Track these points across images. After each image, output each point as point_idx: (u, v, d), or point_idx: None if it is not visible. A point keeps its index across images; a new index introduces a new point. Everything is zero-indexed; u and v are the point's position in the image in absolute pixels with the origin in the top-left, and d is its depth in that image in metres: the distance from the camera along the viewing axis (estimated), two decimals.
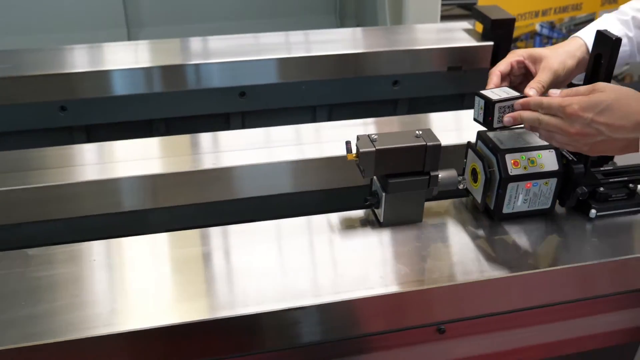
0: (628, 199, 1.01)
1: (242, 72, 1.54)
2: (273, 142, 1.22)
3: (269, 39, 1.65)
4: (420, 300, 0.89)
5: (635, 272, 0.95)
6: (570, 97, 0.86)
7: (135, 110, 1.47)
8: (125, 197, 1.09)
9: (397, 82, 1.68)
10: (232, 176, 1.13)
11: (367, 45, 1.64)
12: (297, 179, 1.16)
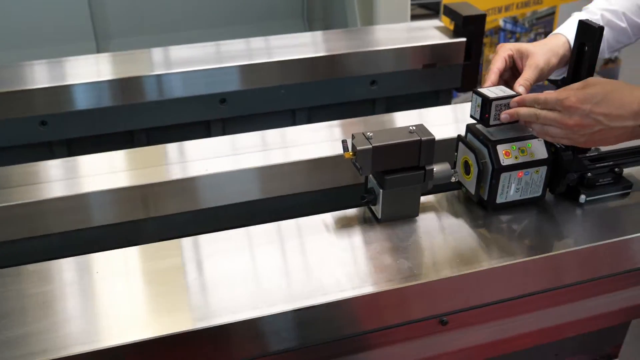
0: (615, 183, 1.04)
1: (223, 78, 1.54)
2: (261, 145, 1.22)
3: (245, 44, 1.64)
4: (425, 293, 0.90)
5: (628, 254, 0.98)
6: (568, 90, 0.89)
7: (115, 121, 1.45)
8: (93, 212, 1.08)
9: (375, 82, 1.70)
10: (203, 185, 1.12)
11: (345, 46, 1.65)
12: (284, 182, 1.17)
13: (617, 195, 1.05)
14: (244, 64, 1.54)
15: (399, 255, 0.94)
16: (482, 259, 0.93)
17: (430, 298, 0.92)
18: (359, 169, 0.95)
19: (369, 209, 1.04)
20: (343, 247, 0.96)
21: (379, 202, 0.99)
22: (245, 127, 1.64)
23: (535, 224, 1.00)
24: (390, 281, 0.89)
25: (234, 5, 2.55)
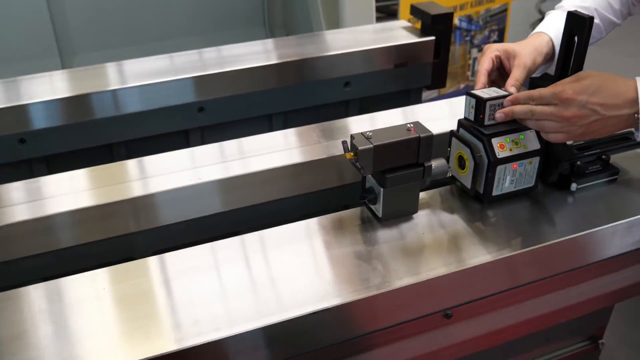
0: (603, 170, 1.08)
1: (201, 87, 1.51)
2: (246, 152, 1.21)
3: (217, 52, 1.63)
4: (432, 289, 0.91)
5: (621, 238, 1.02)
6: (561, 85, 0.92)
7: (94, 136, 1.41)
8: (58, 234, 1.03)
9: (349, 83, 1.71)
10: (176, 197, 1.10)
11: (319, 49, 1.65)
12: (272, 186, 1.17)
13: (605, 181, 1.09)
14: (223, 72, 1.52)
15: (403, 254, 0.94)
16: (489, 250, 0.94)
17: (437, 294, 0.93)
18: (360, 169, 0.95)
19: (367, 209, 1.04)
20: (349, 246, 0.96)
21: (380, 200, 0.99)
22: (223, 134, 1.63)
23: (531, 215, 1.03)
24: (400, 279, 0.89)
25: (194, 15, 2.52)
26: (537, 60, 1.08)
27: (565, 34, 0.98)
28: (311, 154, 1.17)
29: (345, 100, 1.75)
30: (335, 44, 1.69)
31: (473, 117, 1.02)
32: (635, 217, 1.00)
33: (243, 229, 1.20)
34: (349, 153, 0.95)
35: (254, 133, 1.66)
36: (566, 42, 0.98)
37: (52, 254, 1.04)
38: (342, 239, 0.98)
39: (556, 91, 0.91)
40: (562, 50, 1.00)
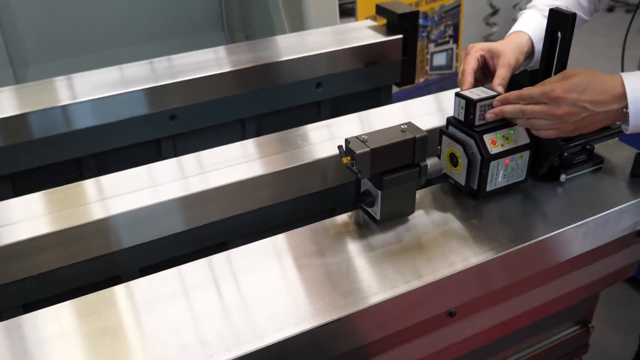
0: (588, 160, 1.10)
1: (172, 94, 1.47)
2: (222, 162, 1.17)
3: (187, 59, 1.58)
4: (439, 289, 0.91)
5: (614, 225, 1.04)
6: (551, 83, 0.93)
7: (61, 151, 1.35)
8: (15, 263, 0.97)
9: (320, 84, 1.69)
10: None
11: (290, 51, 1.63)
12: None
13: (591, 170, 1.11)
14: (194, 78, 1.48)
15: (405, 256, 0.93)
16: (493, 246, 0.94)
17: (443, 294, 0.93)
18: (358, 172, 0.94)
19: (364, 212, 1.03)
20: (351, 251, 0.94)
21: (378, 203, 0.98)
22: (196, 142, 1.59)
23: (527, 208, 1.04)
24: (408, 282, 0.88)
25: (150, 22, 2.45)
26: (519, 59, 1.09)
27: (548, 31, 0.99)
28: (294, 159, 1.15)
29: (317, 101, 1.74)
30: (307, 46, 1.67)
31: (463, 117, 1.02)
32: (625, 204, 1.03)
33: (232, 237, 1.18)
34: (345, 157, 0.93)
35: (226, 138, 1.64)
36: (549, 39, 1.00)
37: (32, 279, 0.99)
38: (341, 245, 0.96)
39: (546, 90, 0.93)
40: (546, 47, 1.01)
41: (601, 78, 0.92)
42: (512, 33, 1.14)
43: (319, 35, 1.78)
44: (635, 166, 1.10)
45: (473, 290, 0.95)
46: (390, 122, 1.00)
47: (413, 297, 0.88)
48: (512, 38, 1.12)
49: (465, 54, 1.11)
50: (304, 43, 1.71)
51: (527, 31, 1.13)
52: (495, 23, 3.23)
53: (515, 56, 1.08)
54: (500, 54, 1.08)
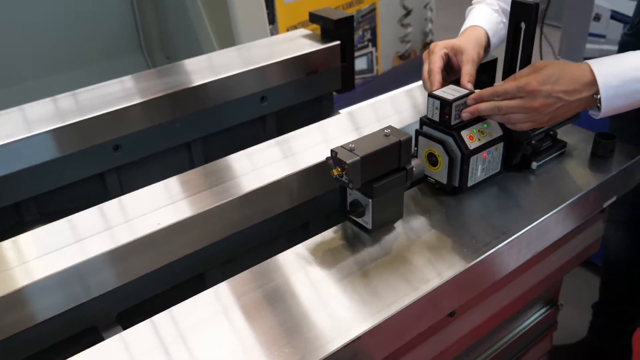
0: (553, 145, 1.14)
1: (116, 122, 1.37)
2: None
3: (123, 84, 1.49)
4: (448, 293, 0.89)
5: (589, 204, 1.08)
6: (524, 77, 0.94)
7: None
8: None
9: (265, 98, 1.65)
10: None
11: (232, 66, 1.58)
12: None
13: (556, 155, 1.14)
14: (138, 103, 1.39)
15: (409, 260, 0.92)
16: (488, 241, 0.94)
17: (448, 296, 0.92)
18: (349, 182, 0.91)
19: (352, 223, 1.00)
20: (354, 265, 0.91)
21: (369, 212, 0.95)
22: (142, 172, 1.50)
23: (507, 201, 1.05)
24: (415, 291, 0.86)
25: (64, 50, 2.31)
26: (480, 54, 1.11)
27: (512, 22, 1.01)
28: (257, 181, 1.10)
29: (262, 115, 1.70)
30: (248, 59, 1.63)
31: (438, 117, 1.02)
32: (596, 184, 1.07)
33: (208, 268, 1.12)
34: (335, 169, 0.90)
35: (172, 164, 1.56)
36: (513, 30, 1.02)
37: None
38: (338, 261, 0.93)
39: (521, 84, 0.94)
40: (510, 39, 1.03)
41: (570, 67, 0.95)
42: (468, 28, 1.16)
43: (257, 48, 1.74)
44: (595, 146, 1.14)
45: (471, 289, 0.95)
46: (345, 131, 0.96)
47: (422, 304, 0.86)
48: (470, 33, 1.14)
49: (428, 53, 1.12)
50: (244, 57, 1.66)
51: (482, 25, 1.15)
52: (409, 24, 3.32)
53: (477, 51, 1.10)
54: (463, 51, 1.09)
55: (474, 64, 1.08)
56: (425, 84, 1.09)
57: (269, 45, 1.76)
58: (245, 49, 1.75)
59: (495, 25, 1.16)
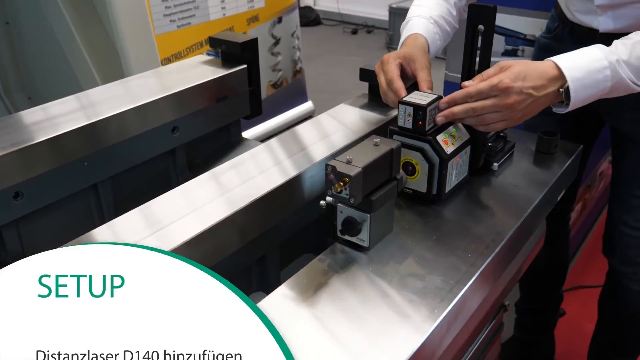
0: (505, 145, 1.16)
1: (15, 166, 1.16)
2: None
3: (15, 119, 1.27)
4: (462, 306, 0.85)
5: (552, 198, 1.11)
6: (496, 75, 0.95)
7: None
8: None
9: (176, 128, 1.52)
10: None
11: (139, 96, 1.43)
12: None
13: (509, 155, 1.17)
14: (41, 141, 1.19)
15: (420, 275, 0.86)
16: (484, 249, 0.92)
17: None
18: (350, 198, 0.83)
19: (343, 243, 0.92)
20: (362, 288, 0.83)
21: (366, 228, 0.89)
22: (43, 224, 1.28)
23: (485, 205, 1.05)
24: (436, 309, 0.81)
25: None
26: (429, 60, 1.11)
27: (469, 25, 1.02)
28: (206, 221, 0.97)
29: (172, 148, 1.55)
30: (157, 87, 1.48)
31: (411, 125, 0.99)
32: (556, 177, 1.10)
33: None
34: (338, 184, 0.82)
35: (79, 211, 1.38)
36: (471, 34, 1.03)
37: None
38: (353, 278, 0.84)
39: (493, 83, 0.95)
40: (468, 42, 1.04)
41: (534, 65, 0.98)
42: (409, 37, 1.15)
43: (162, 76, 1.60)
44: (540, 143, 1.19)
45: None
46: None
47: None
48: (413, 42, 1.13)
49: (381, 65, 1.09)
50: (152, 85, 1.52)
51: (422, 33, 1.15)
52: (279, 52, 3.32)
53: (426, 58, 1.10)
54: (414, 59, 1.08)
55: (428, 70, 1.07)
56: (387, 95, 1.06)
57: (172, 72, 1.62)
58: (148, 77, 1.60)
59: (433, 35, 1.17)
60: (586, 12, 1.24)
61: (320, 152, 1.15)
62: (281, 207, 1.10)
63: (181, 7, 2.71)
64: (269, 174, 1.09)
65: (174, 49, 2.73)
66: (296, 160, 1.13)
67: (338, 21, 5.65)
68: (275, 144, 1.25)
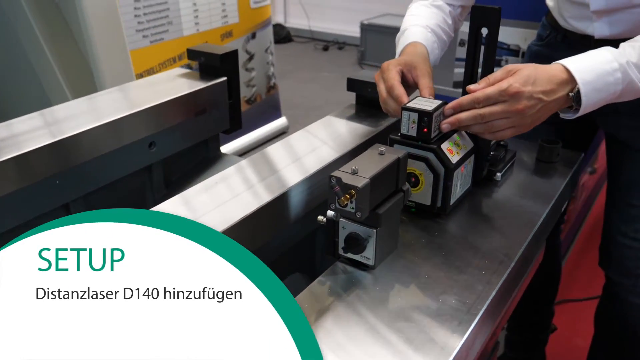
0: (506, 154, 1.11)
1: None
2: None
3: None
4: None
5: (558, 209, 1.06)
6: (505, 79, 0.90)
7: None
8: None
9: (153, 143, 1.43)
10: None
11: (118, 109, 1.34)
12: None
13: (511, 165, 1.12)
14: (6, 159, 1.09)
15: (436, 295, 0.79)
16: (495, 268, 0.86)
17: None
18: (356, 212, 0.76)
19: (345, 262, 0.85)
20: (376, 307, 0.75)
21: (371, 245, 0.81)
22: None
23: (491, 218, 0.99)
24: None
25: None
26: (431, 67, 1.06)
27: (473, 28, 0.97)
28: None
29: (148, 165, 1.46)
30: (132, 101, 1.40)
31: (416, 132, 0.93)
32: (562, 186, 1.05)
33: None
34: (344, 197, 0.75)
35: None
36: (474, 37, 0.98)
37: None
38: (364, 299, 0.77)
39: (502, 87, 0.89)
40: (471, 45, 0.98)
41: (543, 68, 0.93)
42: (408, 46, 1.10)
43: (138, 90, 1.51)
44: (541, 152, 1.15)
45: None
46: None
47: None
48: (413, 50, 1.08)
49: (380, 73, 1.03)
50: (127, 99, 1.43)
51: (421, 41, 1.10)
52: (253, 68, 3.26)
53: (428, 65, 1.04)
54: (415, 66, 1.02)
55: (430, 77, 1.02)
56: (387, 103, 0.99)
57: (149, 85, 1.54)
58: (123, 90, 1.51)
59: (431, 43, 1.12)
60: (580, 18, 1.21)
61: (307, 167, 1.07)
62: (269, 225, 1.02)
63: (154, 22, 2.62)
64: (255, 191, 1.01)
65: (147, 64, 2.65)
66: (281, 177, 1.06)
67: (309, 38, 5.63)
68: (259, 159, 1.17)
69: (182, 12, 2.74)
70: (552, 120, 0.99)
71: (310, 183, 1.04)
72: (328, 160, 1.10)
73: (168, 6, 2.65)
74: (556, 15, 1.29)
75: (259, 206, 0.94)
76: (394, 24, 4.62)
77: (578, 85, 0.92)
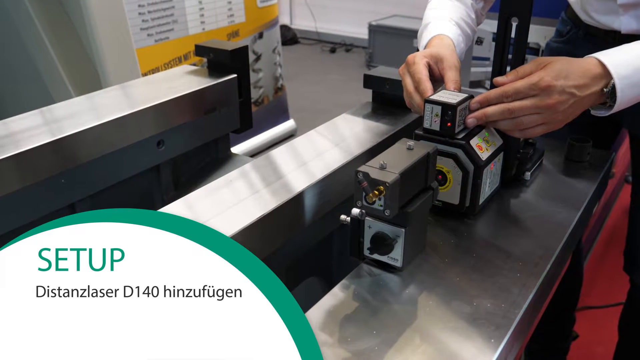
0: (534, 153, 1.05)
1: None
2: None
3: None
4: None
5: (588, 214, 1.00)
6: (536, 73, 0.85)
7: None
8: None
9: (162, 142, 1.38)
10: None
11: (125, 106, 1.29)
12: None
13: (539, 164, 1.07)
14: (6, 157, 1.04)
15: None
16: (529, 272, 0.80)
17: None
18: (385, 209, 0.71)
19: (371, 264, 0.79)
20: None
21: (400, 245, 0.76)
22: None
23: (523, 219, 0.93)
24: None
25: None
26: (459, 60, 1.00)
27: (502, 18, 0.92)
28: None
29: (157, 164, 1.41)
30: (140, 98, 1.35)
31: (439, 126, 0.87)
32: (594, 186, 1.00)
33: None
34: (372, 193, 0.69)
35: None
36: (504, 27, 0.92)
37: None
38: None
39: (533, 81, 0.84)
40: (500, 36, 0.93)
41: (577, 62, 0.88)
42: (434, 38, 1.04)
43: (144, 86, 1.46)
44: (570, 151, 1.09)
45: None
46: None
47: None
48: (440, 42, 1.02)
49: (406, 67, 0.97)
50: (135, 96, 1.38)
51: (448, 34, 1.04)
52: (260, 69, 3.21)
53: (456, 57, 0.98)
54: (442, 58, 0.97)
55: (457, 70, 0.96)
56: (413, 97, 0.94)
57: (156, 82, 1.49)
58: (130, 87, 1.46)
59: (457, 36, 1.07)
60: (606, 12, 1.15)
61: (319, 170, 1.02)
62: (288, 226, 0.97)
63: (159, 20, 2.58)
64: (270, 190, 0.96)
65: (152, 64, 2.60)
66: (296, 176, 1.00)
67: (316, 40, 5.58)
68: (275, 157, 1.11)
69: (188, 11, 2.70)
70: (575, 120, 0.94)
71: (327, 182, 0.98)
72: (346, 159, 1.05)
73: (173, 4, 2.60)
74: (578, 10, 1.23)
75: (275, 206, 0.89)
76: (403, 25, 4.57)
77: (613, 79, 0.86)
